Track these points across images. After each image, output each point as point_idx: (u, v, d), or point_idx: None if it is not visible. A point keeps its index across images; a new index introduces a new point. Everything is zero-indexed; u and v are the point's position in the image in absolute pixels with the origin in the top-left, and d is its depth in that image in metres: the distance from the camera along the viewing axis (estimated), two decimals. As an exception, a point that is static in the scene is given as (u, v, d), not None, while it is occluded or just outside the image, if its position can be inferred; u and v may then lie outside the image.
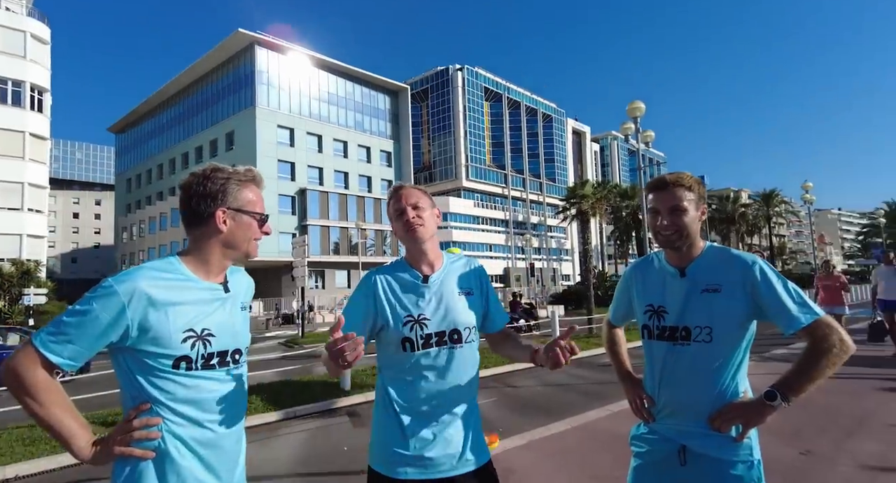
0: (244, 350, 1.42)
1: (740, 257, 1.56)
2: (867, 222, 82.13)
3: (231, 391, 1.36)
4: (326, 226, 41.71)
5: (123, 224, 53.34)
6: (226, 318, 1.36)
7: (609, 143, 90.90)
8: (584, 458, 4.20)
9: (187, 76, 46.34)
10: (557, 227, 65.51)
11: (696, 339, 1.54)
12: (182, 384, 1.27)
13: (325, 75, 46.02)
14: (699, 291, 1.55)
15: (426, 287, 1.61)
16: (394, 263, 1.69)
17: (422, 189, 1.71)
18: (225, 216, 1.37)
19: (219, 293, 1.38)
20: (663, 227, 1.57)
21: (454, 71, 65.14)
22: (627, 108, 15.41)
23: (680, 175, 1.60)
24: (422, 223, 1.62)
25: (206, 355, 1.30)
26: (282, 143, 41.41)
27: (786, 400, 1.42)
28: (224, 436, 1.33)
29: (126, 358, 1.26)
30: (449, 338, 1.58)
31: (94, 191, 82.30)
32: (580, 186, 31.45)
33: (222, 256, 1.40)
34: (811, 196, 24.70)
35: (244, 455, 1.45)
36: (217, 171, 1.40)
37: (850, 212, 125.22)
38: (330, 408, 6.97)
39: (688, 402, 1.56)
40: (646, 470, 1.66)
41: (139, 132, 53.98)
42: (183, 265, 1.35)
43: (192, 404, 1.28)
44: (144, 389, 1.25)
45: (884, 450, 4.02)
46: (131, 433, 1.22)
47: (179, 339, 1.25)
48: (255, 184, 1.45)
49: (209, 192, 1.37)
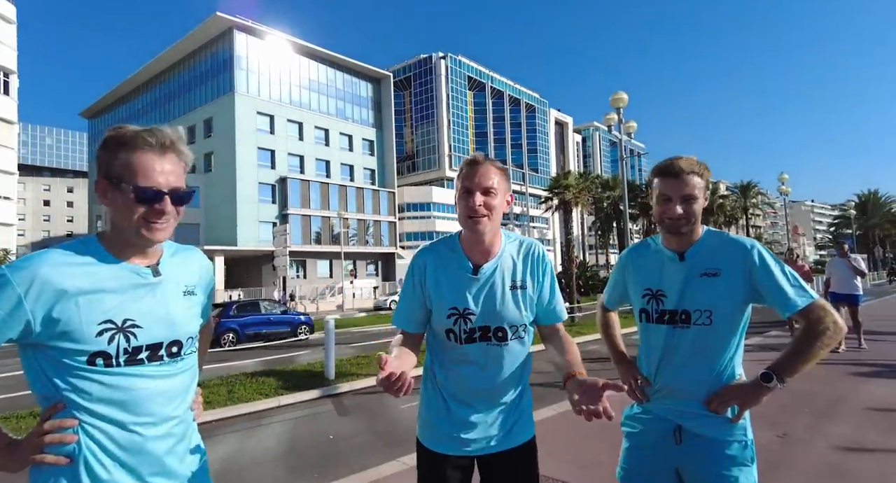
0: (186, 341, 1.22)
1: (739, 241, 1.57)
2: (838, 214, 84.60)
3: (165, 389, 1.16)
4: (307, 215, 41.27)
5: (97, 212, 51.98)
6: (157, 306, 1.17)
7: (591, 134, 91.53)
8: (570, 443, 4.27)
9: (164, 60, 45.11)
10: (540, 217, 65.99)
11: (697, 322, 1.55)
12: (100, 382, 1.09)
13: (306, 61, 45.25)
14: (698, 275, 1.56)
15: (475, 279, 1.51)
16: (447, 241, 1.59)
17: (502, 168, 1.51)
18: (102, 188, 1.13)
19: (146, 277, 1.17)
20: (677, 215, 1.54)
21: (437, 59, 64.64)
22: (610, 98, 15.50)
23: (690, 162, 1.56)
24: (487, 214, 1.45)
25: (129, 349, 1.11)
26: (261, 131, 40.71)
27: (781, 381, 1.43)
28: (153, 439, 1.14)
29: (35, 354, 1.09)
30: (494, 334, 1.51)
31: (65, 177, 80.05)
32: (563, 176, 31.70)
33: (126, 235, 1.15)
34: (787, 187, 25.27)
35: (196, 461, 1.25)
36: (109, 132, 1.14)
37: (823, 204, 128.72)
38: (314, 396, 6.95)
39: (686, 383, 1.57)
40: (639, 450, 1.67)
41: (113, 117, 52.44)
42: (101, 245, 1.16)
43: (114, 404, 1.10)
44: (58, 388, 1.08)
45: (855, 431, 4.17)
46: (43, 437, 1.07)
47: (94, 332, 1.07)
48: (140, 146, 1.11)
49: (96, 159, 1.14)
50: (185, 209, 1.23)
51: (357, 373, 8.06)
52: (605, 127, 16.43)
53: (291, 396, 6.81)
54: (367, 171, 48.47)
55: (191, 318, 1.26)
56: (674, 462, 1.60)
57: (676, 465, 1.59)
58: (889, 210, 79.55)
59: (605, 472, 3.54)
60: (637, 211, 44.06)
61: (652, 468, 1.63)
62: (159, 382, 1.16)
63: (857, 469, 3.42)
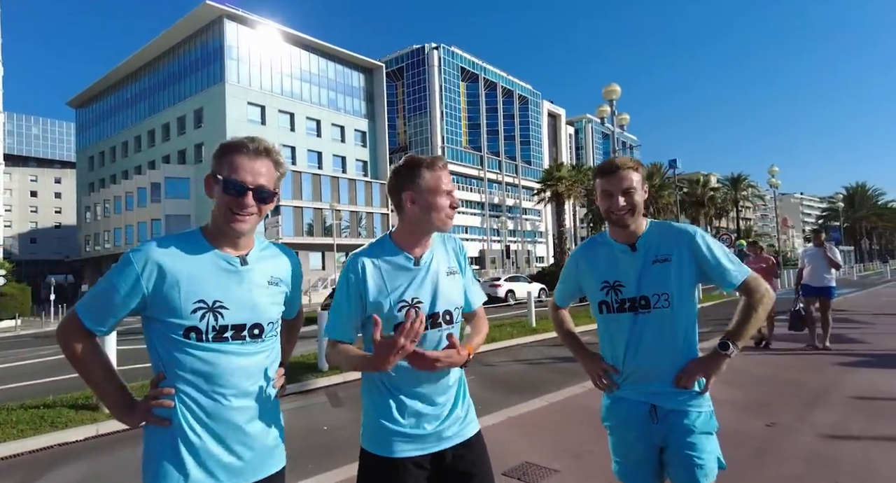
0: (268, 326, 1.38)
1: (683, 228, 1.72)
2: (827, 206, 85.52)
3: (245, 365, 1.33)
4: (299, 207, 41.02)
5: (87, 203, 51.34)
6: (242, 292, 1.34)
7: (584, 126, 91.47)
8: (560, 433, 4.32)
9: (153, 49, 44.42)
10: (532, 209, 66.08)
11: (656, 306, 1.67)
12: (192, 355, 1.28)
13: (298, 51, 44.76)
14: (651, 262, 1.69)
15: (417, 269, 1.57)
16: (378, 243, 1.60)
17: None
18: (210, 182, 1.36)
19: (235, 265, 1.36)
20: (619, 207, 1.67)
21: (430, 49, 64.14)
22: (603, 90, 15.49)
23: (625, 159, 1.73)
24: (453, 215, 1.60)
25: (217, 328, 1.29)
26: (252, 121, 40.31)
27: (735, 347, 1.62)
28: (235, 410, 1.31)
29: (149, 326, 1.31)
30: (443, 319, 1.56)
31: (53, 168, 78.86)
32: (556, 168, 31.74)
33: (223, 225, 1.35)
34: (777, 180, 25.45)
35: (273, 434, 1.42)
36: (225, 141, 1.38)
37: (812, 196, 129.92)
38: (308, 388, 6.96)
39: (656, 364, 1.68)
40: (625, 440, 1.75)
41: (101, 107, 51.68)
42: (203, 236, 1.37)
43: (201, 375, 1.28)
44: (161, 357, 1.30)
45: (841, 420, 4.25)
46: (150, 401, 1.28)
47: (189, 309, 1.27)
48: (239, 150, 1.34)
49: (212, 158, 1.39)
50: (175, 201, 1.32)
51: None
52: (598, 119, 16.43)
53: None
54: (360, 163, 48.21)
55: (272, 305, 1.41)
56: (656, 441, 1.68)
57: (658, 443, 1.69)
58: (876, 203, 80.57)
59: (595, 460, 3.59)
60: (629, 203, 44.14)
61: (639, 455, 1.71)
62: (241, 359, 1.33)
63: (842, 455, 3.49)
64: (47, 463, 4.52)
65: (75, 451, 4.78)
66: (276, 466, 1.43)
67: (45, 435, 4.95)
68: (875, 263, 54.56)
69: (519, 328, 11.55)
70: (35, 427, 5.12)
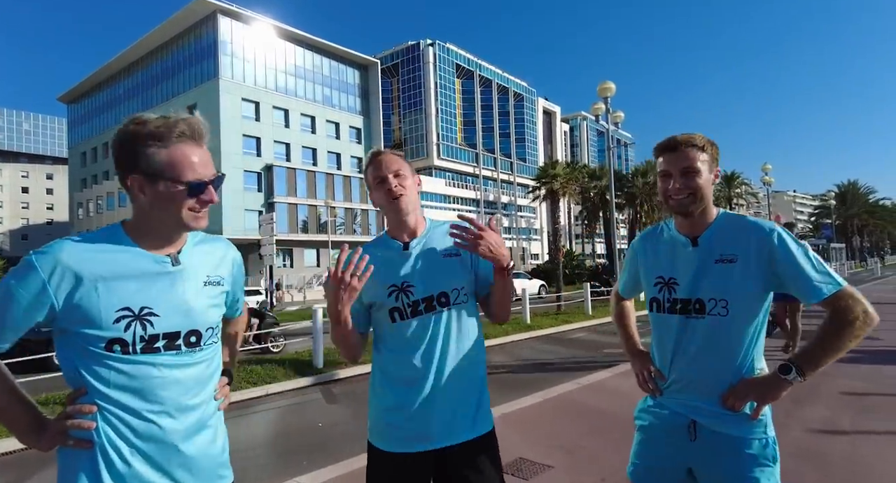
0: (206, 332, 1.21)
1: (757, 224, 1.46)
2: (819, 204, 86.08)
3: (182, 379, 1.16)
4: (294, 203, 40.91)
5: (79, 199, 51.00)
6: (174, 295, 1.17)
7: (579, 124, 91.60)
8: (554, 429, 4.34)
9: (146, 44, 44.09)
10: (527, 206, 66.16)
11: (711, 312, 1.45)
12: (117, 369, 1.10)
13: (292, 47, 44.53)
14: (713, 262, 1.46)
15: (406, 254, 1.55)
16: (376, 239, 1.64)
17: (401, 155, 1.62)
18: (138, 183, 1.14)
19: (165, 266, 1.18)
20: (676, 190, 1.47)
21: (425, 46, 63.97)
22: (598, 87, 15.53)
23: (692, 135, 1.49)
24: (404, 192, 1.54)
25: (146, 338, 1.12)
26: (246, 118, 40.12)
27: (801, 374, 1.34)
28: (171, 429, 1.14)
29: (63, 339, 1.13)
30: (437, 301, 1.51)
31: (44, 164, 78.25)
32: (551, 166, 31.78)
33: (161, 225, 1.18)
34: (770, 178, 25.62)
35: (217, 450, 1.26)
36: (131, 126, 1.14)
37: (804, 194, 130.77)
38: (303, 385, 6.96)
39: (701, 377, 1.48)
40: (652, 444, 1.59)
41: (94, 103, 51.26)
42: (125, 233, 1.18)
43: (130, 392, 1.11)
44: (80, 374, 1.11)
45: (831, 415, 4.30)
46: (66, 421, 1.11)
47: (111, 318, 1.09)
48: (181, 139, 1.14)
49: (118, 154, 1.16)
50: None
51: (346, 361, 8.07)
52: (593, 116, 16.46)
53: (279, 385, 6.82)
54: (355, 160, 48.08)
55: (211, 308, 1.24)
56: (686, 460, 1.51)
57: (689, 463, 1.50)
58: (867, 200, 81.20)
59: (588, 456, 3.62)
60: (623, 200, 44.38)
61: (663, 464, 1.55)
62: (176, 372, 1.16)
63: (831, 450, 3.54)
64: (40, 461, 4.50)
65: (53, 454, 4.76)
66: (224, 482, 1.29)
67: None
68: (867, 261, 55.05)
69: (514, 325, 11.58)
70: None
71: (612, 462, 3.50)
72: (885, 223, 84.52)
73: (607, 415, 4.53)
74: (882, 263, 40.33)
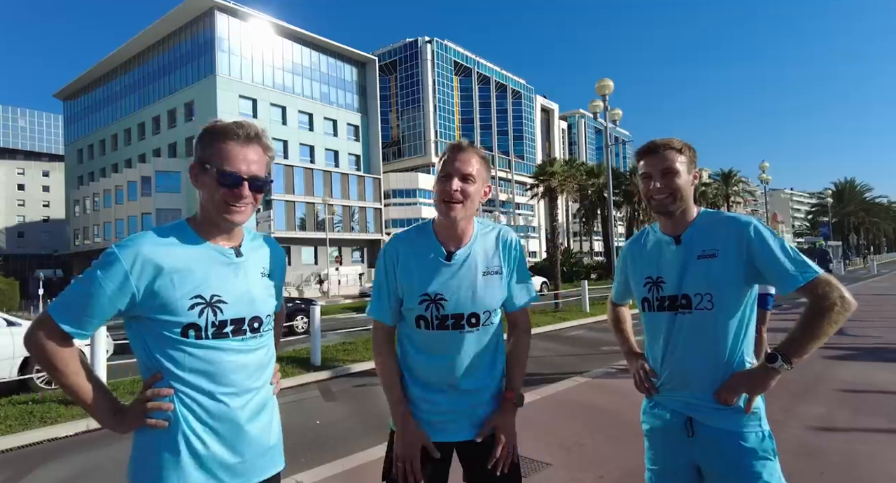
0: (265, 319, 1.33)
1: (734, 219, 1.52)
2: (816, 202, 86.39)
3: (246, 362, 1.28)
4: (292, 201, 40.83)
5: (76, 197, 50.76)
6: (239, 284, 1.28)
7: (577, 121, 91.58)
8: (552, 427, 4.35)
9: (142, 40, 43.89)
10: (525, 204, 66.14)
11: (698, 306, 1.49)
12: (191, 354, 1.21)
13: (290, 44, 44.38)
14: (695, 257, 1.51)
15: (448, 266, 1.50)
16: (421, 228, 1.59)
17: (484, 156, 1.54)
18: (194, 170, 1.28)
19: (230, 257, 1.29)
20: (656, 190, 1.53)
21: (423, 43, 63.82)
22: (596, 85, 15.51)
23: (670, 139, 1.56)
24: (461, 200, 1.45)
25: (216, 323, 1.23)
26: (244, 115, 39.94)
27: (787, 362, 1.37)
28: (237, 409, 1.25)
29: (138, 326, 1.23)
30: (467, 321, 1.50)
31: (41, 161, 77.88)
32: (549, 164, 31.70)
33: (209, 216, 1.28)
34: (767, 176, 25.67)
35: (275, 431, 1.37)
36: (208, 124, 1.30)
37: (801, 192, 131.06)
38: (301, 383, 6.96)
39: (692, 372, 1.51)
40: (658, 448, 1.61)
41: (90, 99, 51.01)
42: (191, 228, 1.29)
43: (203, 375, 1.22)
44: (156, 359, 1.21)
45: (828, 412, 4.32)
46: (145, 404, 1.20)
47: (186, 305, 1.19)
48: (228, 136, 1.26)
49: (195, 145, 1.30)
50: (166, 195, 1.27)
51: (343, 359, 8.08)
52: (591, 114, 16.45)
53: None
54: (353, 157, 48.00)
55: (268, 297, 1.36)
56: (690, 457, 1.52)
57: (694, 461, 1.52)
58: (863, 198, 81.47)
59: (587, 454, 3.63)
60: (621, 198, 44.40)
61: (673, 467, 1.56)
62: (242, 356, 1.27)
63: (827, 447, 3.55)
64: (38, 458, 4.49)
65: (66, 447, 4.75)
66: (276, 468, 1.38)
67: (35, 430, 4.91)
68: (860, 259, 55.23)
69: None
70: (24, 423, 5.08)
71: (611, 460, 3.51)
72: (881, 221, 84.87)
73: (606, 412, 4.54)
74: (864, 263, 40.29)
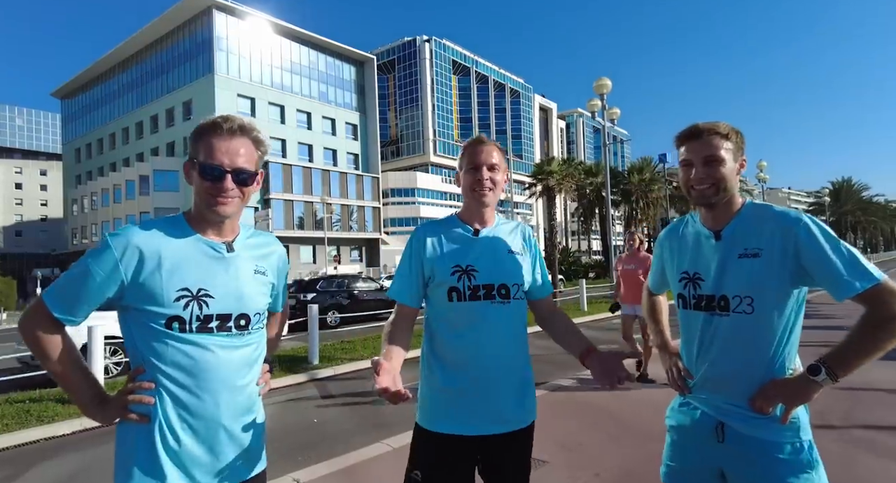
0: (254, 317, 1.31)
1: (783, 215, 1.36)
2: (813, 201, 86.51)
3: (231, 359, 1.25)
4: (290, 200, 40.79)
5: (74, 196, 50.66)
6: (229, 280, 1.27)
7: (575, 120, 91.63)
8: (550, 425, 4.36)
9: (140, 39, 43.80)
10: (523, 203, 66.14)
11: (736, 309, 1.37)
12: (174, 347, 1.20)
13: (288, 43, 44.31)
14: (736, 256, 1.38)
15: (476, 240, 1.59)
16: (445, 219, 1.67)
17: (502, 148, 1.66)
18: (188, 167, 1.30)
19: (221, 252, 1.29)
20: (698, 180, 1.40)
21: (422, 42, 63.78)
22: (594, 84, 15.53)
23: (715, 123, 1.42)
24: (492, 187, 1.59)
25: (201, 317, 1.22)
26: (242, 114, 39.42)
27: (832, 375, 1.25)
28: (219, 407, 1.23)
29: (126, 316, 1.23)
30: (497, 292, 1.53)
31: (38, 160, 77.68)
32: (547, 163, 31.79)
33: (200, 209, 1.29)
34: (765, 175, 25.74)
35: (256, 432, 1.34)
36: (201, 121, 1.33)
37: (799, 191, 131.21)
38: (299, 381, 6.96)
39: (727, 377, 1.40)
40: (682, 445, 1.53)
41: (88, 98, 50.89)
42: (186, 221, 1.29)
43: (185, 370, 1.20)
44: (141, 351, 1.21)
45: (824, 410, 4.32)
46: (127, 396, 1.20)
47: (172, 297, 1.19)
48: (212, 131, 1.26)
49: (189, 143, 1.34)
50: (164, 194, 1.27)
51: (341, 357, 8.08)
52: (589, 113, 16.47)
53: (274, 381, 6.80)
54: (351, 156, 47.96)
55: (259, 295, 1.34)
56: (716, 462, 1.44)
57: (719, 465, 1.43)
58: (860, 197, 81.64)
59: (585, 452, 3.63)
60: (619, 197, 44.45)
61: (693, 466, 1.49)
62: (226, 352, 1.25)
63: (821, 445, 3.53)
64: (35, 457, 4.49)
65: (63, 445, 4.75)
66: (258, 468, 1.37)
67: (32, 429, 4.91)
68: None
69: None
70: (21, 421, 5.08)
71: (608, 457, 3.52)
72: (878, 220, 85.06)
73: (603, 411, 4.55)
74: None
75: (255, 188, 1.35)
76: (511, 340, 1.56)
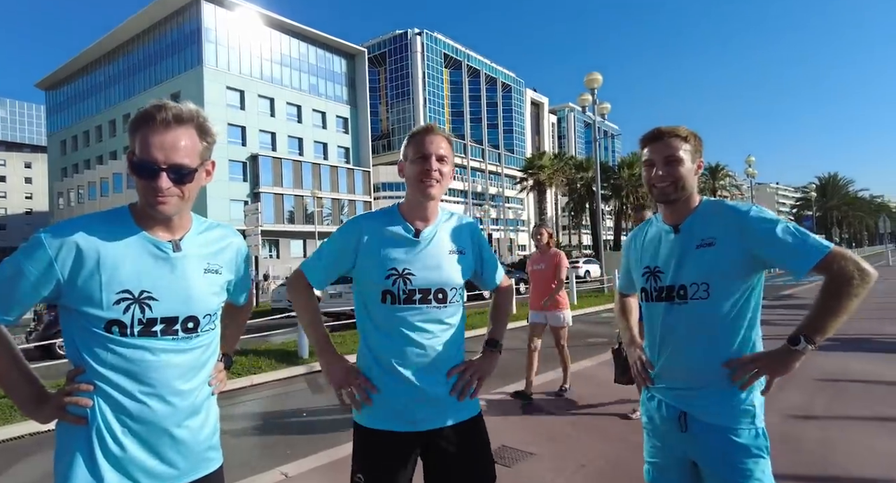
0: (204, 319, 1.23)
1: (734, 207, 1.47)
2: (800, 196, 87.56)
3: (177, 363, 1.18)
4: (280, 194, 40.53)
5: (59, 189, 49.90)
6: (175, 281, 1.19)
7: (566, 115, 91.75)
8: (538, 416, 4.40)
9: (127, 29, 43.06)
10: (515, 198, 66.30)
11: (694, 297, 1.45)
12: (114, 351, 1.13)
13: (278, 35, 43.81)
14: (694, 247, 1.47)
15: (416, 242, 1.52)
16: (385, 211, 1.59)
17: (450, 139, 1.59)
18: (129, 160, 1.18)
19: (166, 251, 1.20)
20: (658, 177, 1.50)
21: (413, 35, 63.39)
22: (585, 79, 15.57)
23: (676, 127, 1.52)
24: (440, 179, 1.52)
25: (144, 321, 1.14)
26: (231, 106, 39.49)
27: (811, 342, 1.32)
28: (163, 413, 1.17)
29: (67, 317, 1.16)
30: (434, 296, 1.51)
31: (22, 152, 76.39)
32: (538, 157, 31.86)
33: (143, 207, 1.20)
34: (754, 170, 25.97)
35: (207, 434, 1.28)
36: (139, 110, 1.19)
37: (787, 186, 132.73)
38: (288, 375, 6.96)
39: (686, 365, 1.48)
40: (652, 441, 1.60)
41: (73, 89, 50.02)
42: (131, 216, 1.20)
43: (126, 374, 1.13)
44: (80, 353, 1.14)
45: (807, 401, 4.42)
46: (64, 397, 1.14)
47: (112, 300, 1.12)
48: (145, 123, 1.14)
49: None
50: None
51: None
52: (580, 108, 16.51)
53: (264, 375, 6.80)
54: (342, 150, 47.68)
55: (210, 295, 1.26)
56: (685, 453, 1.50)
57: (688, 456, 1.50)
58: (846, 192, 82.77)
59: (571, 445, 3.68)
60: (609, 192, 44.70)
61: (669, 461, 1.55)
62: (171, 356, 1.18)
63: (803, 434, 3.64)
64: (19, 453, 4.46)
65: (47, 441, 4.70)
66: (211, 467, 1.30)
67: (16, 425, 4.87)
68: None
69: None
70: (5, 417, 5.03)
71: (594, 449, 3.56)
72: (864, 214, 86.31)
73: (591, 404, 4.62)
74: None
75: (200, 184, 1.23)
76: (449, 341, 1.54)
